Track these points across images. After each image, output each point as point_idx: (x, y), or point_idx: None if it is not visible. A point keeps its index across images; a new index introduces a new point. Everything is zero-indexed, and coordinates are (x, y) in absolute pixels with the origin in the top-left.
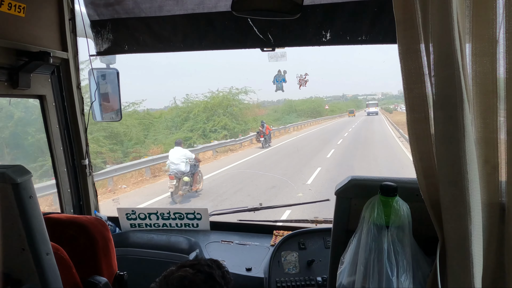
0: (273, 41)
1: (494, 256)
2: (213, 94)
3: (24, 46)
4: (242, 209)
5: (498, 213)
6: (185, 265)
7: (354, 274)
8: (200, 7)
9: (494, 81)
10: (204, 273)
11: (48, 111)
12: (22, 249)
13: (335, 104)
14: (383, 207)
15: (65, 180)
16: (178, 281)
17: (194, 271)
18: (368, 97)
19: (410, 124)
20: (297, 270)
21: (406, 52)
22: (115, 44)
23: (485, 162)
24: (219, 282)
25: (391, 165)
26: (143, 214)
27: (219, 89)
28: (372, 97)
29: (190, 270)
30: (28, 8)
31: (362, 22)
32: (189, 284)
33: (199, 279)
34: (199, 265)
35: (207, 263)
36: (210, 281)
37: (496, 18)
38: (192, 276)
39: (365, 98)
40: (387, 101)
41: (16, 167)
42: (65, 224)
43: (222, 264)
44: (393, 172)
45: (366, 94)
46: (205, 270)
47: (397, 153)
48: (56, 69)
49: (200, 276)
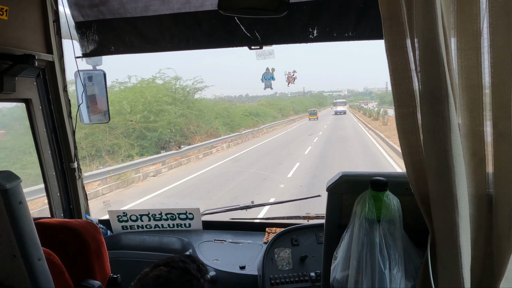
0: (261, 39)
1: (483, 247)
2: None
3: (8, 50)
4: (234, 207)
5: (486, 204)
6: (159, 264)
7: (347, 268)
8: (187, 6)
9: (479, 74)
10: (178, 269)
11: (35, 114)
12: (13, 255)
13: (301, 101)
14: (374, 201)
15: (54, 184)
16: (153, 281)
17: (168, 269)
18: (335, 94)
19: (399, 119)
20: (291, 266)
21: (392, 48)
22: (101, 46)
23: (473, 154)
24: (195, 275)
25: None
26: (134, 215)
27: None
28: (339, 94)
29: (164, 269)
30: (11, 10)
31: (348, 19)
32: (165, 282)
33: (173, 275)
34: (173, 262)
35: (180, 259)
36: (185, 275)
37: (479, 13)
38: (166, 274)
39: (330, 94)
40: (354, 98)
41: (4, 173)
42: (56, 229)
43: (197, 258)
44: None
45: (332, 91)
46: (179, 266)
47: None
48: (42, 72)
49: (175, 273)
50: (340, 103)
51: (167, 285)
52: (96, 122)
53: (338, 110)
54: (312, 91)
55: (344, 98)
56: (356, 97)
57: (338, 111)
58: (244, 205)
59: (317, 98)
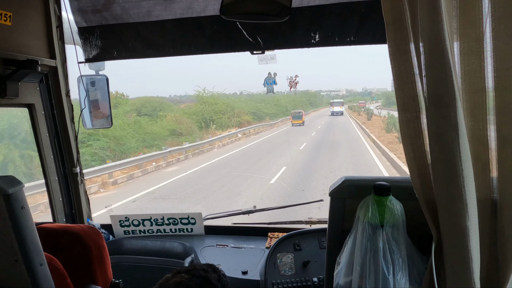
0: (263, 44)
1: (487, 251)
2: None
3: (11, 55)
4: (236, 212)
5: (490, 209)
6: (181, 271)
7: (350, 274)
8: (189, 12)
9: (482, 79)
10: (199, 278)
11: (38, 119)
12: (15, 260)
13: (297, 98)
14: (377, 206)
15: (57, 189)
16: (174, 287)
17: (190, 276)
18: (333, 94)
19: (402, 124)
20: (293, 271)
21: (396, 53)
22: (103, 51)
23: (476, 159)
24: (215, 285)
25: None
26: (136, 220)
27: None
28: (336, 93)
29: (186, 276)
30: (15, 16)
31: (350, 23)
32: None
33: (194, 283)
34: (195, 270)
35: (202, 267)
36: (206, 285)
37: (482, 17)
38: (187, 282)
39: (328, 94)
40: (352, 98)
41: (7, 178)
42: (58, 234)
43: (218, 267)
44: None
45: (330, 90)
46: (200, 275)
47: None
48: (45, 77)
49: (195, 281)
50: (337, 103)
51: None
52: (98, 127)
53: (335, 110)
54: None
55: (342, 98)
56: (354, 97)
57: (335, 112)
58: (246, 210)
59: (308, 96)
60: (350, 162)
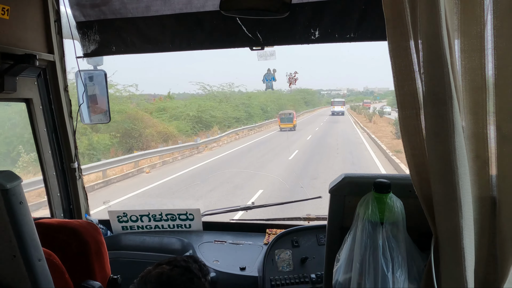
0: (262, 40)
1: (486, 249)
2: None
3: (9, 49)
4: (235, 208)
5: (489, 207)
6: (162, 263)
7: (350, 271)
8: (188, 7)
9: (483, 77)
10: (180, 268)
11: (35, 114)
12: (13, 255)
13: (293, 96)
14: (377, 203)
15: (55, 184)
16: (155, 278)
17: (171, 267)
18: (333, 93)
19: (402, 121)
20: (291, 268)
21: (396, 50)
22: (102, 46)
23: (476, 157)
24: (196, 274)
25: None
26: (134, 216)
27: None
28: (337, 92)
29: (167, 267)
30: (13, 10)
31: (350, 20)
32: (167, 279)
33: (176, 273)
34: (175, 261)
35: (183, 258)
36: (187, 274)
37: (483, 15)
38: (169, 272)
39: (328, 93)
40: (354, 98)
41: (5, 173)
42: (57, 229)
43: (199, 259)
44: None
45: (331, 89)
46: (181, 265)
47: None
48: (43, 72)
49: (177, 271)
50: (338, 102)
51: (169, 282)
52: (96, 122)
53: (336, 110)
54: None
55: (343, 97)
56: (356, 96)
57: (335, 112)
58: (244, 206)
59: (304, 94)
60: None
